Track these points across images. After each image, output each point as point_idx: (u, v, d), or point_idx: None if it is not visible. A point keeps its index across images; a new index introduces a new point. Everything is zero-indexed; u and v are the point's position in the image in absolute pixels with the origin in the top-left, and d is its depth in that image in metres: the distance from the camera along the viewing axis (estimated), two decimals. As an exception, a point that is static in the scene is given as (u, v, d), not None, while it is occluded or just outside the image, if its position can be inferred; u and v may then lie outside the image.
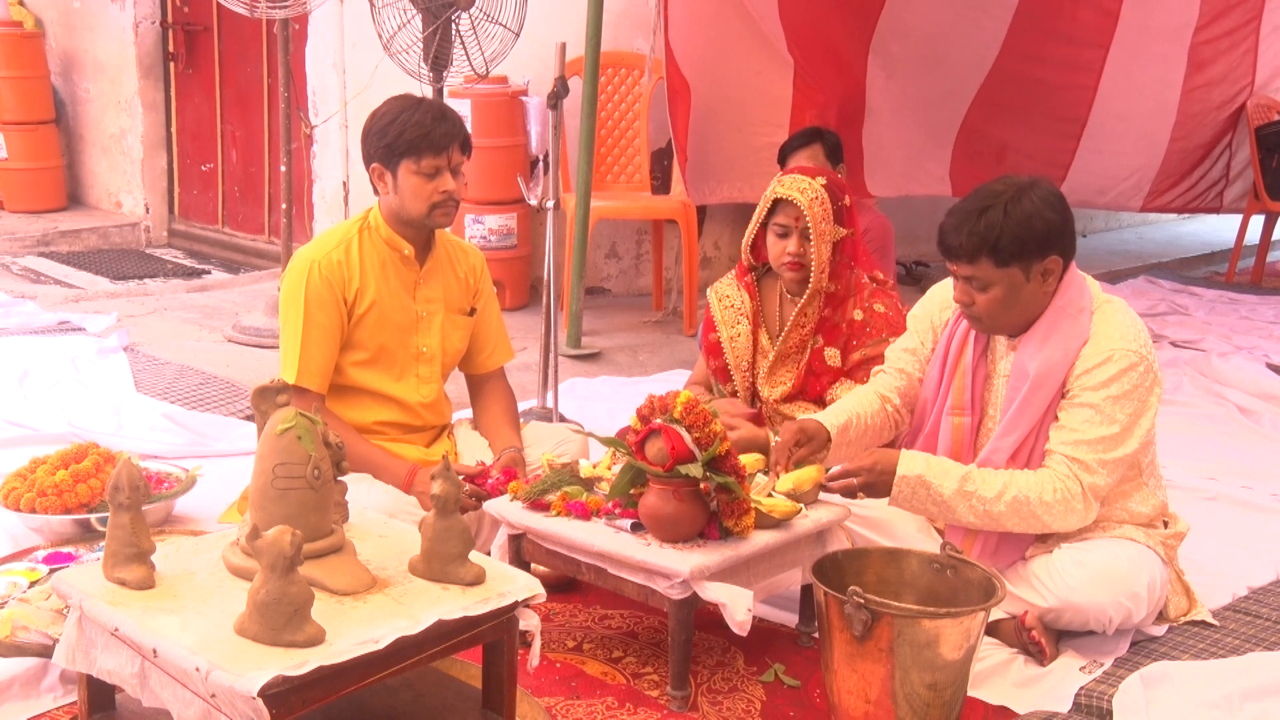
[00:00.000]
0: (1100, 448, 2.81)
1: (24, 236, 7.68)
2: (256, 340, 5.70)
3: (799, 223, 3.36)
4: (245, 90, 7.71)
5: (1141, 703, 2.65)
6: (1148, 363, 2.84)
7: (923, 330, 3.16)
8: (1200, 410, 5.06)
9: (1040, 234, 2.78)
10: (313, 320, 3.21)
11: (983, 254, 2.79)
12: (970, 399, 3.00)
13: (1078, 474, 2.81)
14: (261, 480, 2.27)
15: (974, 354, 3.01)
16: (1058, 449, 2.84)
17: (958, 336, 3.04)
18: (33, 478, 3.40)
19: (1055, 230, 2.81)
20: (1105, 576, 2.84)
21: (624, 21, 6.36)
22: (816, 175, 3.44)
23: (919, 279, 7.20)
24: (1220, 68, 7.17)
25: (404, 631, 2.14)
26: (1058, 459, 2.83)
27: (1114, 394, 2.81)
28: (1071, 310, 2.88)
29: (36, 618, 2.68)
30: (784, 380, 3.50)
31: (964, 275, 2.86)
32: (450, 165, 3.20)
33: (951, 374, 3.03)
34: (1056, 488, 2.80)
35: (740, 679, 2.84)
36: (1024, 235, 2.77)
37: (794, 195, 3.35)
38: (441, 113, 3.20)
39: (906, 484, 2.83)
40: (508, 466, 3.23)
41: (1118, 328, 2.87)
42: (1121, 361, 2.81)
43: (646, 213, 6.42)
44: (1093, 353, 2.84)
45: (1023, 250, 2.78)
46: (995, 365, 3.00)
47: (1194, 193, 7.63)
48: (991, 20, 6.33)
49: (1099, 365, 2.82)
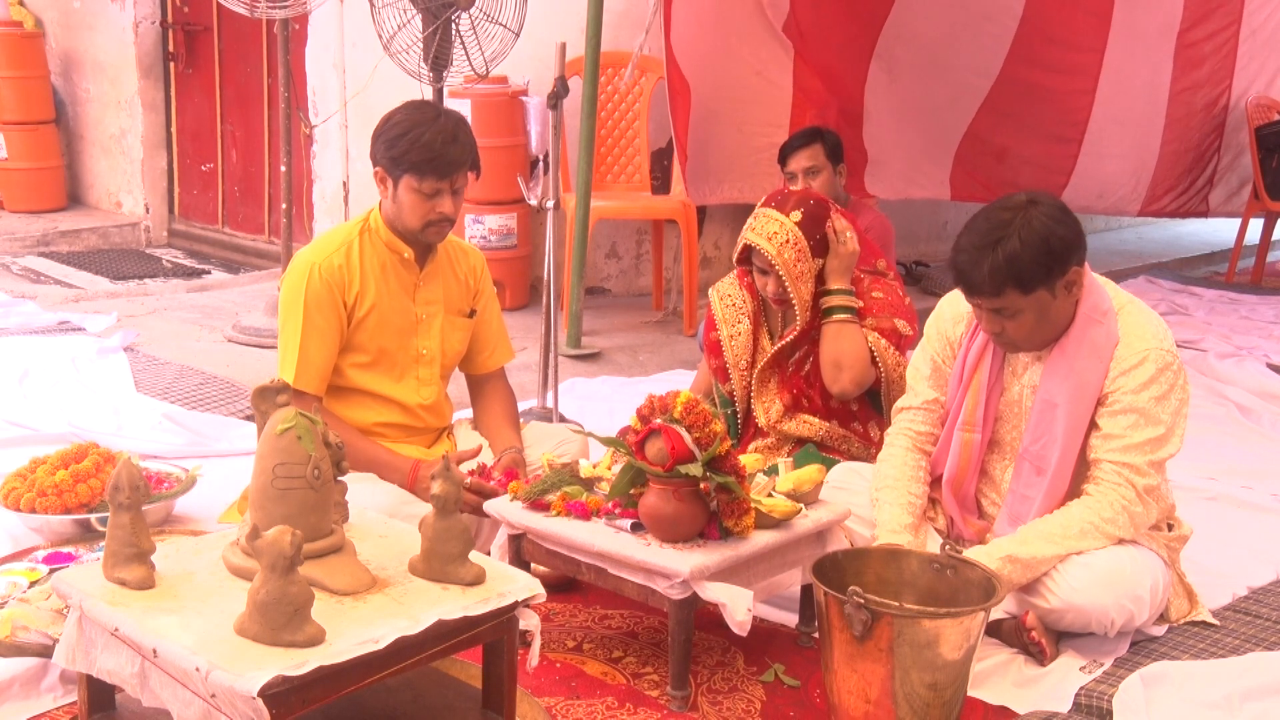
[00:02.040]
0: (1148, 449, 2.83)
1: (24, 236, 7.68)
2: (256, 340, 5.70)
3: (773, 267, 3.36)
4: (245, 90, 7.71)
5: (1141, 703, 2.65)
6: (1179, 362, 2.88)
7: (940, 351, 3.13)
8: (1200, 410, 5.04)
9: (1059, 252, 2.77)
10: (312, 323, 3.20)
11: (1008, 287, 2.77)
12: (983, 416, 3.00)
13: (1130, 479, 2.82)
14: (261, 480, 2.27)
15: (991, 372, 3.00)
16: (1105, 457, 2.84)
17: (974, 352, 3.03)
18: (33, 478, 3.40)
19: (1071, 243, 2.80)
20: (1109, 579, 2.84)
21: (624, 21, 6.36)
22: (792, 210, 3.39)
23: (919, 279, 7.20)
24: (1204, 71, 7.21)
25: (404, 631, 2.14)
26: (1106, 468, 2.84)
27: (1155, 395, 2.82)
28: (1097, 316, 2.88)
29: (36, 618, 2.68)
30: (772, 398, 3.51)
31: (991, 309, 2.84)
32: (453, 188, 3.18)
33: (965, 390, 3.03)
34: (1113, 501, 2.82)
35: (740, 679, 2.84)
36: (1044, 259, 2.75)
37: (761, 244, 3.35)
38: (454, 134, 3.15)
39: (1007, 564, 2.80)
40: (509, 468, 3.23)
41: (1146, 327, 2.88)
42: (1159, 361, 2.83)
43: (646, 213, 6.42)
44: (1127, 354, 2.85)
45: (1047, 274, 2.77)
46: (1015, 380, 2.99)
47: (1184, 196, 7.65)
48: (997, 27, 6.33)
49: (1136, 367, 2.83)
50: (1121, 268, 7.99)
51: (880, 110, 6.33)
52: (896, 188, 6.56)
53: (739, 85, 6.00)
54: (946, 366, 3.12)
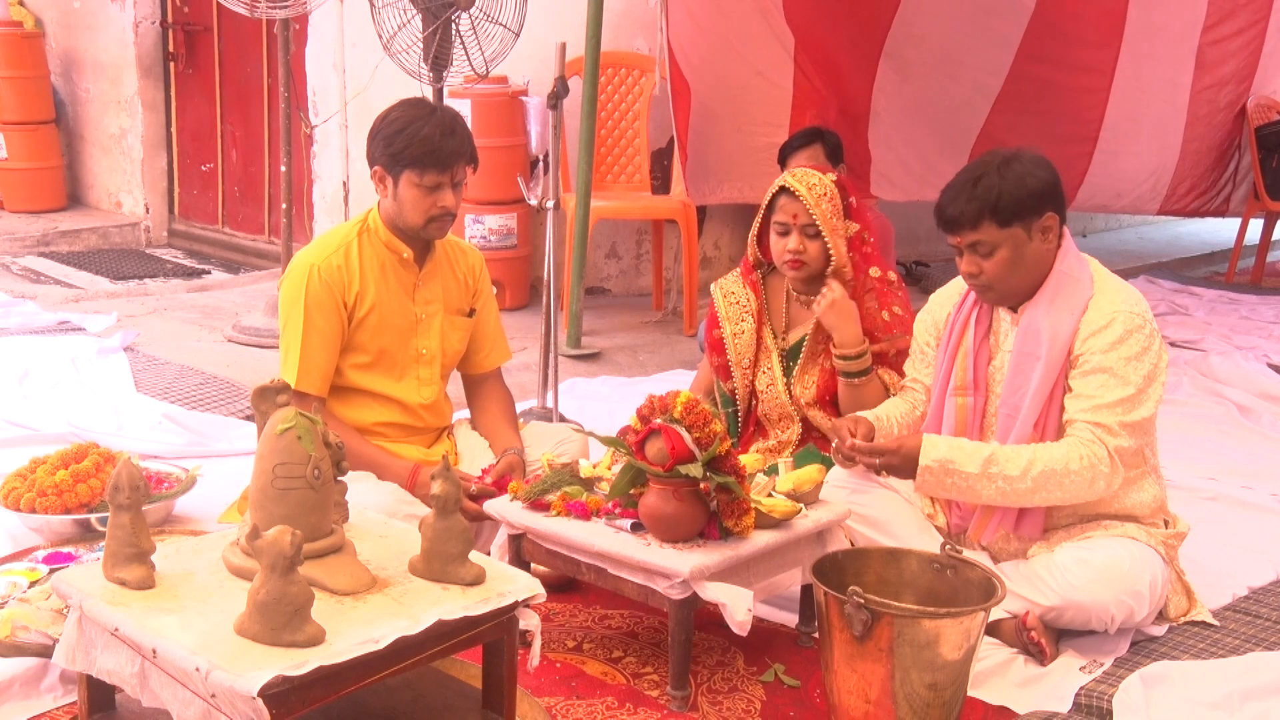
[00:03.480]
0: (1120, 410, 2.84)
1: (24, 236, 7.68)
2: (256, 340, 5.70)
3: (797, 220, 3.37)
4: (245, 90, 7.71)
5: (1141, 703, 2.65)
6: (1152, 327, 2.90)
7: (925, 333, 3.22)
8: (1200, 410, 5.05)
9: (1035, 190, 2.88)
10: (313, 324, 3.21)
11: (985, 216, 2.87)
12: (974, 379, 3.04)
13: (1102, 438, 2.83)
14: (261, 480, 2.27)
15: (976, 337, 3.05)
16: (1078, 417, 2.87)
17: (959, 321, 3.09)
18: (33, 478, 3.40)
19: (1048, 187, 2.91)
20: (1107, 575, 2.85)
21: (624, 21, 6.36)
22: (828, 172, 3.47)
23: (919, 279, 7.20)
24: (1228, 69, 7.17)
25: (404, 631, 2.14)
26: (1080, 426, 2.86)
27: (1125, 355, 2.85)
28: (1074, 274, 2.94)
29: (36, 618, 2.68)
30: (810, 384, 3.51)
31: (969, 243, 2.92)
32: (453, 181, 3.19)
33: (953, 355, 3.08)
34: (1083, 454, 2.83)
35: (740, 679, 2.84)
36: (1020, 193, 2.86)
37: (797, 187, 3.36)
38: (451, 128, 3.17)
39: (930, 472, 2.87)
40: (503, 474, 3.22)
41: (1118, 292, 2.94)
42: (1128, 323, 2.86)
43: (646, 213, 6.42)
44: (1095, 316, 2.89)
45: (1021, 208, 2.87)
46: (998, 344, 3.03)
47: (1206, 196, 7.63)
48: (1006, 24, 6.33)
49: (1105, 328, 2.87)
50: (1121, 267, 7.98)
51: (891, 110, 6.32)
52: (909, 189, 6.54)
53: (739, 85, 6.00)
54: (930, 350, 3.18)
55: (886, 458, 2.91)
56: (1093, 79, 6.73)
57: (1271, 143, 7.41)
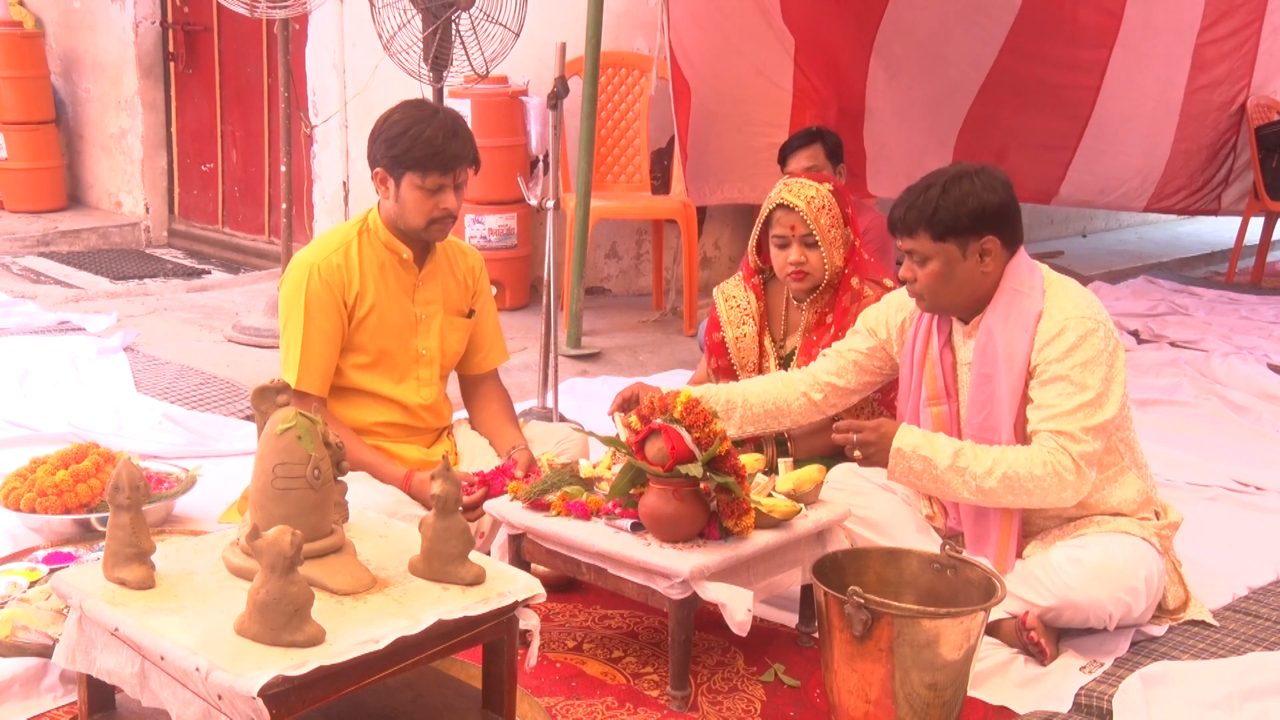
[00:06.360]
0: (1081, 415, 2.84)
1: (24, 236, 7.68)
2: (256, 340, 5.70)
3: (795, 231, 3.38)
4: (245, 90, 7.71)
5: (1141, 703, 2.65)
6: (1106, 328, 2.90)
7: (874, 323, 3.22)
8: (1200, 410, 5.05)
9: (973, 212, 2.88)
10: (313, 324, 3.21)
11: (920, 226, 2.90)
12: (944, 387, 3.05)
13: (1065, 446, 2.83)
14: (261, 480, 2.27)
15: (939, 344, 3.06)
16: (1040, 427, 2.87)
17: (921, 331, 3.10)
18: (33, 478, 3.40)
19: (991, 211, 2.89)
20: (1103, 573, 2.85)
21: (624, 21, 6.36)
22: (824, 181, 3.47)
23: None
24: (1223, 69, 7.17)
25: (404, 631, 2.14)
26: (1043, 436, 2.86)
27: (1079, 361, 2.85)
28: (1024, 290, 2.95)
29: (36, 618, 2.68)
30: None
31: (906, 249, 2.95)
32: (455, 183, 3.20)
33: (921, 366, 3.09)
34: (1046, 461, 2.83)
35: (740, 679, 2.84)
36: (958, 211, 2.88)
37: (795, 202, 3.36)
38: (454, 130, 3.18)
39: (902, 456, 2.89)
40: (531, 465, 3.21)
41: (1069, 299, 2.93)
42: (1079, 329, 2.87)
43: (646, 213, 6.42)
44: (1048, 326, 2.90)
45: (957, 225, 2.88)
46: (958, 353, 3.05)
47: (1196, 195, 7.63)
48: (992, 21, 6.33)
49: (1057, 336, 2.88)
50: (1121, 268, 7.99)
51: (882, 108, 6.33)
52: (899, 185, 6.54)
53: (739, 85, 6.00)
54: (871, 338, 3.20)
55: (864, 434, 2.93)
56: (1084, 77, 6.73)
57: (1271, 142, 7.40)
